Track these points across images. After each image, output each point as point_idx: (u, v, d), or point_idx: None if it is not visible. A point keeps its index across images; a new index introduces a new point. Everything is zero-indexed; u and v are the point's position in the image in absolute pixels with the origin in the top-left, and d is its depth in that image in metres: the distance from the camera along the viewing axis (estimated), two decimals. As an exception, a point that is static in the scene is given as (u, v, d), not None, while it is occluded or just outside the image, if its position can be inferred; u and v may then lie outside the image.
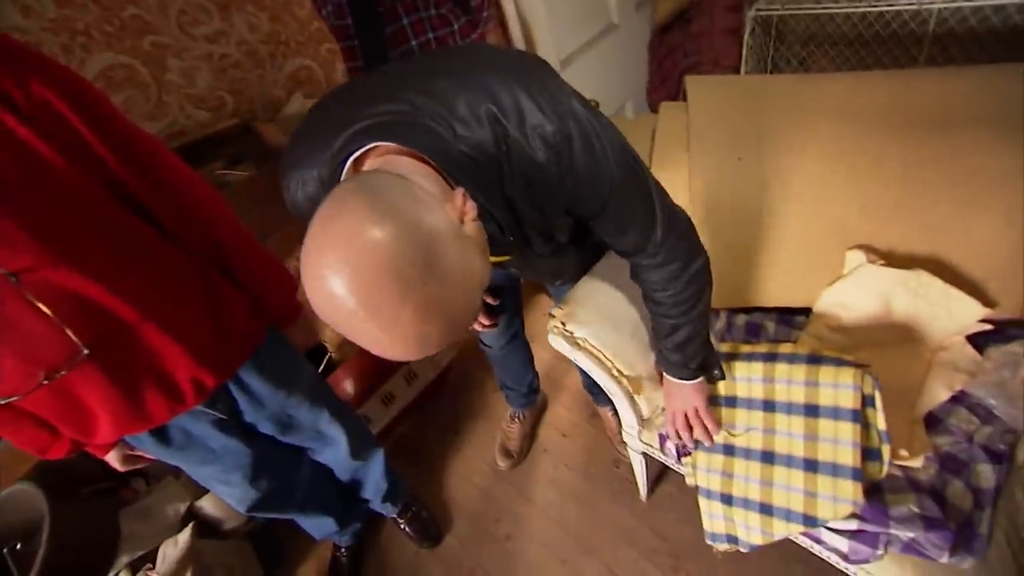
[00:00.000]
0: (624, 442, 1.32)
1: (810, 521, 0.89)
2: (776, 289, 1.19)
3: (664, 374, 1.02)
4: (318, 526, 1.50)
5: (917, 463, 0.90)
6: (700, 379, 0.99)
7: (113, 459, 1.02)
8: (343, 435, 1.31)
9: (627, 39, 2.08)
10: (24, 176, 0.70)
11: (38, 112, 0.70)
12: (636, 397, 1.13)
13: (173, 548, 1.43)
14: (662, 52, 1.94)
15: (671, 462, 1.17)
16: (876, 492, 0.88)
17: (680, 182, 1.16)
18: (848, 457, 0.87)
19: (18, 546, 1.35)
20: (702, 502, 1.05)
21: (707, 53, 1.68)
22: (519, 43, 2.00)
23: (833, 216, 1.09)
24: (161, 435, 1.01)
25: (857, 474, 0.86)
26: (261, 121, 1.79)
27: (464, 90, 0.62)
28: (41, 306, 0.75)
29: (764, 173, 1.09)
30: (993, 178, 0.97)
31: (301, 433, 1.23)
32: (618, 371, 1.08)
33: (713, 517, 1.05)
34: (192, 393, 0.93)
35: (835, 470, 0.88)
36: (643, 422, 1.17)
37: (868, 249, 1.04)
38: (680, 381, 0.99)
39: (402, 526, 1.60)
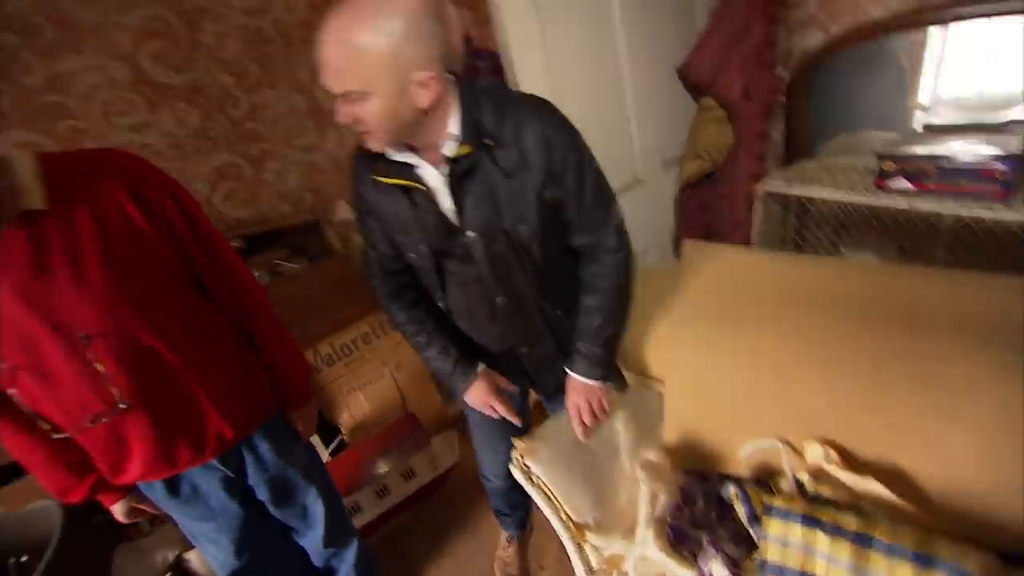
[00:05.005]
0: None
1: None
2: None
3: (572, 375, 1.14)
4: (287, 607, 1.53)
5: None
6: (606, 383, 1.15)
7: (118, 510, 1.16)
8: (322, 519, 1.38)
9: (652, 193, 2.14)
10: (129, 248, 0.92)
11: (154, 208, 0.95)
12: (583, 545, 1.13)
13: (148, 593, 1.52)
14: (693, 205, 2.04)
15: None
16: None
17: (654, 342, 1.22)
18: None
19: (24, 558, 1.50)
20: None
21: (728, 216, 1.76)
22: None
23: (799, 404, 1.08)
24: (172, 485, 1.15)
25: None
26: (327, 222, 2.09)
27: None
28: (97, 365, 0.92)
29: (737, 351, 1.13)
30: (961, 387, 0.94)
31: (292, 506, 1.32)
32: (566, 514, 1.09)
33: None
34: (213, 445, 1.08)
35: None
36: (591, 573, 1.15)
37: (830, 444, 1.02)
38: (589, 382, 1.12)
39: (367, 618, 1.59)
